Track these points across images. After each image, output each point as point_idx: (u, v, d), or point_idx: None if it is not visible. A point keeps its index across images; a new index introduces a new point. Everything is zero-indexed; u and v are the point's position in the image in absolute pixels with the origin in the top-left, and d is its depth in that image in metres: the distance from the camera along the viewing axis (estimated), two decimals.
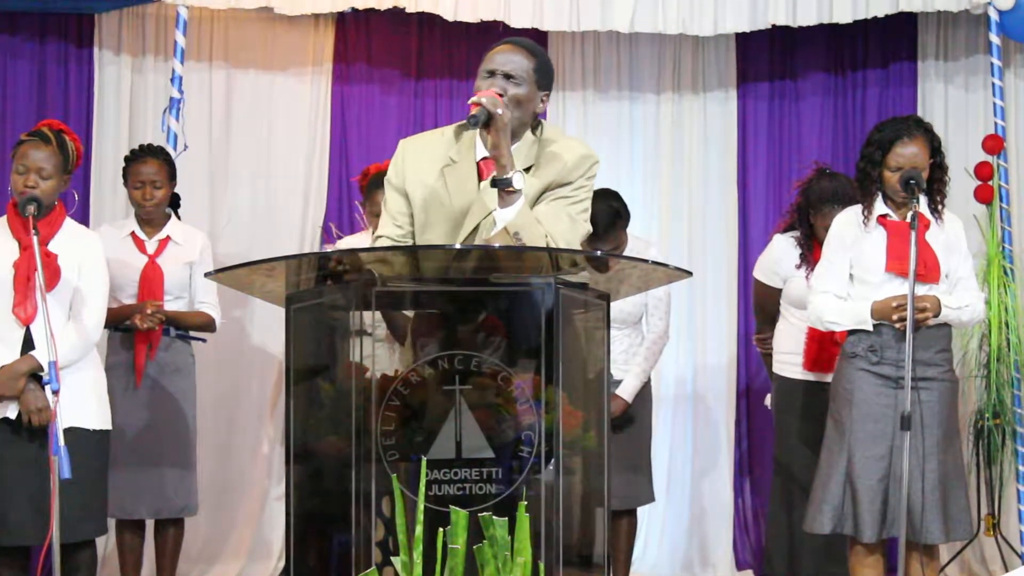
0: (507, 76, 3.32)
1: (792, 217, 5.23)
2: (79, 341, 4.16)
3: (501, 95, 3.26)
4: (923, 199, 4.40)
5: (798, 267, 5.10)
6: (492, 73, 3.34)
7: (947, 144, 4.52)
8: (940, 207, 4.45)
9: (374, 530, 2.97)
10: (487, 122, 3.20)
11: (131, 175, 5.12)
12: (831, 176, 5.15)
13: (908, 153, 4.35)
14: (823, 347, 4.99)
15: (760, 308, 5.41)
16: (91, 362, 4.28)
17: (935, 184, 4.43)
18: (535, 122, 3.43)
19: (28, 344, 4.12)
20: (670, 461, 6.41)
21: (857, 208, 4.47)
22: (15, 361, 4.11)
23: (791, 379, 5.12)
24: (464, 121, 3.39)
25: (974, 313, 4.43)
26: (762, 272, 5.27)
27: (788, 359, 5.13)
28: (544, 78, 3.40)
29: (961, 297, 4.40)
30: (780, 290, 5.20)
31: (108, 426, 4.31)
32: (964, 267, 4.46)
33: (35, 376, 4.09)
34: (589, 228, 3.45)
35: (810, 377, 5.06)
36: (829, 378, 4.91)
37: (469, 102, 3.26)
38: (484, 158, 3.36)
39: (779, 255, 5.17)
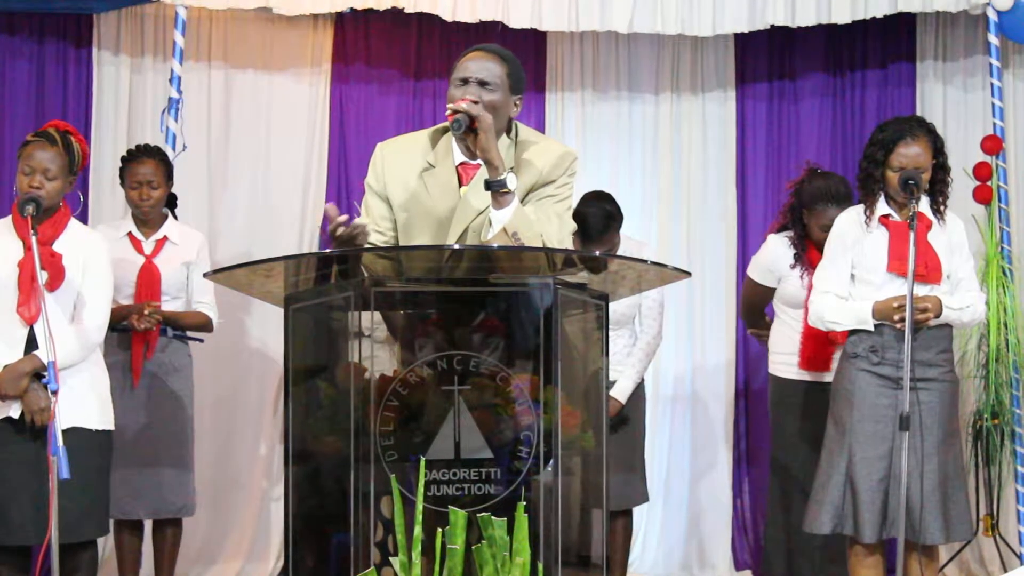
0: (481, 83, 3.33)
1: (785, 217, 5.23)
2: (80, 342, 4.16)
3: (476, 101, 3.28)
4: (925, 199, 4.41)
5: (792, 267, 5.11)
6: (465, 81, 3.34)
7: (946, 145, 4.52)
8: (942, 208, 4.45)
9: (373, 530, 2.97)
10: (470, 127, 3.21)
11: (128, 175, 5.13)
12: (823, 175, 5.15)
13: (911, 153, 4.35)
14: (818, 346, 5.00)
15: (749, 307, 5.41)
16: (94, 362, 4.27)
17: (937, 185, 4.44)
18: (509, 125, 3.44)
19: (32, 344, 4.12)
20: (669, 461, 6.41)
21: (859, 208, 4.47)
22: (18, 360, 4.11)
23: (787, 379, 5.12)
24: (439, 125, 3.40)
25: (975, 314, 4.43)
26: (757, 272, 5.27)
27: (784, 359, 5.14)
28: (517, 83, 3.41)
29: (962, 298, 4.40)
30: (773, 290, 5.21)
31: (110, 427, 4.31)
32: (965, 268, 4.46)
33: (38, 376, 4.09)
34: (574, 225, 3.49)
35: (806, 377, 5.07)
36: (825, 377, 4.95)
37: (447, 111, 3.27)
38: (462, 163, 3.39)
39: (775, 255, 5.17)
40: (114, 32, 6.20)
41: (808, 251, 5.06)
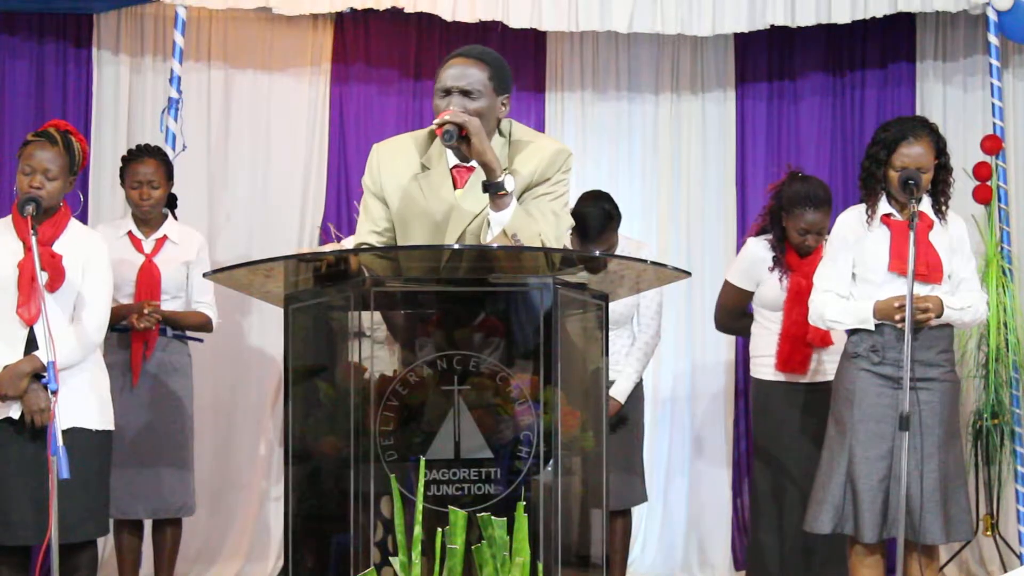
0: (463, 92, 3.29)
1: (764, 220, 5.24)
2: (80, 342, 4.16)
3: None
4: (927, 199, 4.41)
5: (771, 270, 5.11)
6: (448, 91, 3.30)
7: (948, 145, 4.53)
8: (944, 208, 4.46)
9: (373, 530, 2.97)
10: (460, 135, 3.19)
11: (128, 175, 5.13)
12: (803, 179, 5.15)
13: (913, 153, 4.35)
14: (795, 348, 5.02)
15: (726, 312, 5.38)
16: (93, 363, 4.28)
17: (939, 185, 4.44)
18: (501, 124, 3.41)
19: (32, 344, 4.12)
20: (668, 461, 6.41)
21: (861, 207, 4.48)
22: (18, 361, 4.11)
23: (766, 380, 5.13)
24: (432, 127, 3.38)
25: (976, 314, 4.43)
26: (736, 275, 5.26)
27: (763, 361, 5.14)
28: (501, 83, 3.36)
29: (964, 298, 4.40)
30: (751, 294, 5.21)
31: (110, 427, 4.31)
32: (967, 268, 4.46)
33: (38, 376, 4.09)
34: (571, 221, 3.48)
35: (781, 378, 5.07)
36: (802, 379, 5.02)
37: (433, 128, 3.24)
38: (456, 166, 3.38)
39: (755, 258, 5.17)
40: (114, 32, 6.20)
41: (787, 254, 5.07)
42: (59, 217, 4.22)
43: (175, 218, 5.26)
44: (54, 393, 3.74)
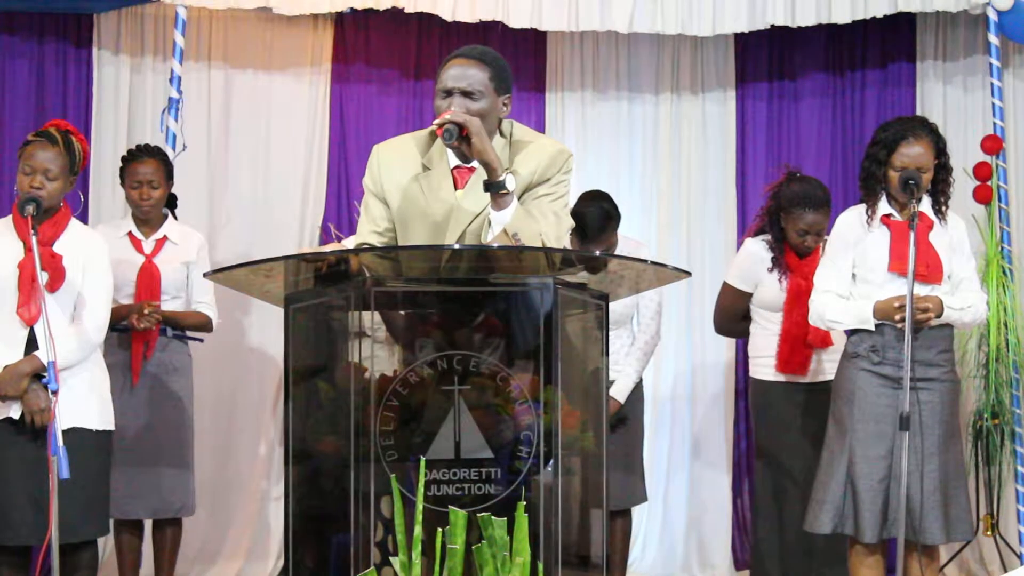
0: (464, 93, 3.29)
1: (762, 221, 5.23)
2: (80, 342, 4.16)
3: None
4: (927, 199, 4.42)
5: (770, 271, 5.10)
6: (449, 92, 3.30)
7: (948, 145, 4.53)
8: (944, 208, 4.46)
9: (373, 530, 2.97)
10: (460, 135, 3.19)
11: (128, 175, 5.13)
12: (802, 179, 5.14)
13: (913, 153, 4.35)
14: (795, 349, 5.01)
15: (726, 316, 5.36)
16: (94, 363, 4.27)
17: (939, 185, 4.44)
18: (502, 124, 3.41)
19: (32, 344, 4.12)
20: (669, 461, 6.41)
21: (861, 207, 4.48)
22: (19, 361, 4.11)
23: (765, 381, 5.12)
24: (433, 127, 3.38)
25: (976, 314, 4.43)
26: (736, 277, 5.24)
27: (762, 362, 5.14)
28: (502, 84, 3.36)
29: (964, 298, 4.40)
30: (750, 295, 5.20)
31: (110, 427, 4.31)
32: (967, 268, 4.47)
33: (38, 376, 4.09)
34: (572, 222, 3.48)
35: (781, 378, 5.07)
36: (802, 379, 5.01)
37: (434, 128, 3.24)
38: (457, 166, 3.38)
39: (753, 259, 5.16)
40: (114, 32, 6.20)
41: (786, 255, 5.06)
42: (59, 217, 4.23)
43: (175, 218, 5.26)
44: (54, 393, 3.75)
